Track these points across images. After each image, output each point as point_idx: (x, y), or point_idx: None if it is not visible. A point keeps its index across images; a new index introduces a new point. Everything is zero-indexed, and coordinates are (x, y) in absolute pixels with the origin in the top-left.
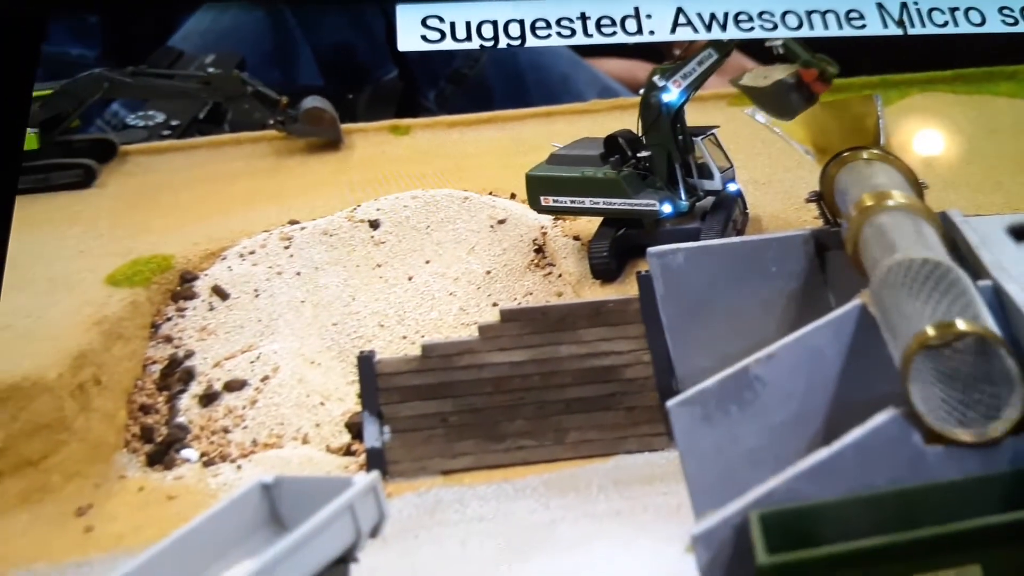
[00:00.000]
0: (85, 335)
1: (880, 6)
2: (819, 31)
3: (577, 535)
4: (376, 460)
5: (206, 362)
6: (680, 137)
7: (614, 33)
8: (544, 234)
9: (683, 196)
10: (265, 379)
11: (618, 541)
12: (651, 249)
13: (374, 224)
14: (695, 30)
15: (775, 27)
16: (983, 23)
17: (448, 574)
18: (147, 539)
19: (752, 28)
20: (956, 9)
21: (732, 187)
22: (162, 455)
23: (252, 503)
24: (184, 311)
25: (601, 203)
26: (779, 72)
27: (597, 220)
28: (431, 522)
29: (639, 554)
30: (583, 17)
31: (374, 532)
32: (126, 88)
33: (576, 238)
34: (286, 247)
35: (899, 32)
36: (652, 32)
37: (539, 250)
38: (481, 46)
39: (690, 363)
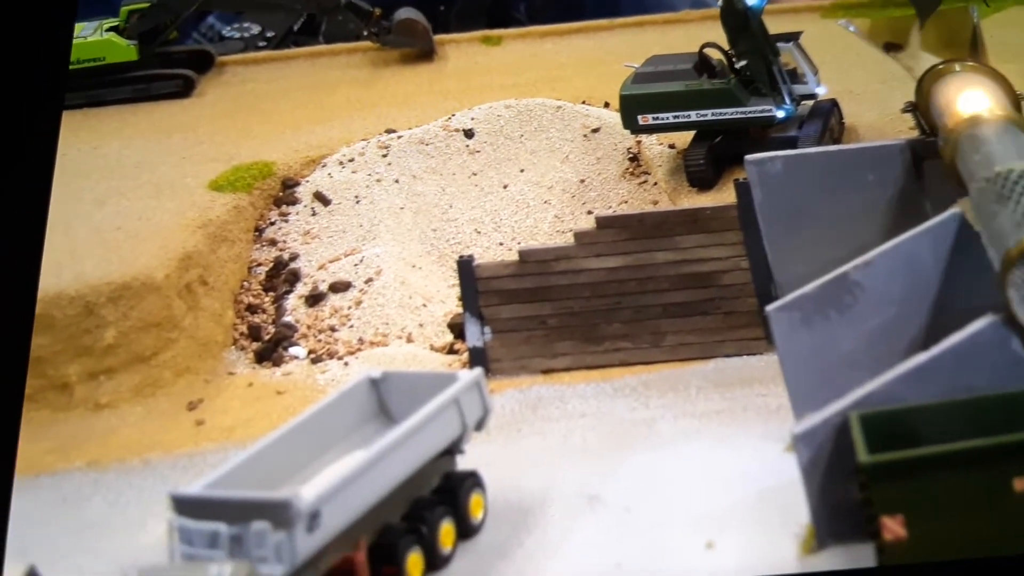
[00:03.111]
0: (191, 238)
1: None
2: None
3: (677, 433)
4: (478, 358)
5: (311, 264)
6: (768, 43)
7: None
8: (639, 143)
9: (787, 100)
10: (369, 281)
11: (718, 439)
12: (749, 157)
13: (469, 133)
14: None
15: None
16: None
17: (552, 465)
18: (257, 432)
19: None
20: None
21: (821, 90)
22: (270, 352)
23: (361, 396)
24: (287, 216)
25: (710, 115)
26: None
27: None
28: (533, 417)
29: (739, 452)
30: None
31: (479, 425)
32: (221, 0)
33: (672, 147)
34: (384, 155)
35: None
36: None
37: (634, 159)
38: None
39: (788, 269)
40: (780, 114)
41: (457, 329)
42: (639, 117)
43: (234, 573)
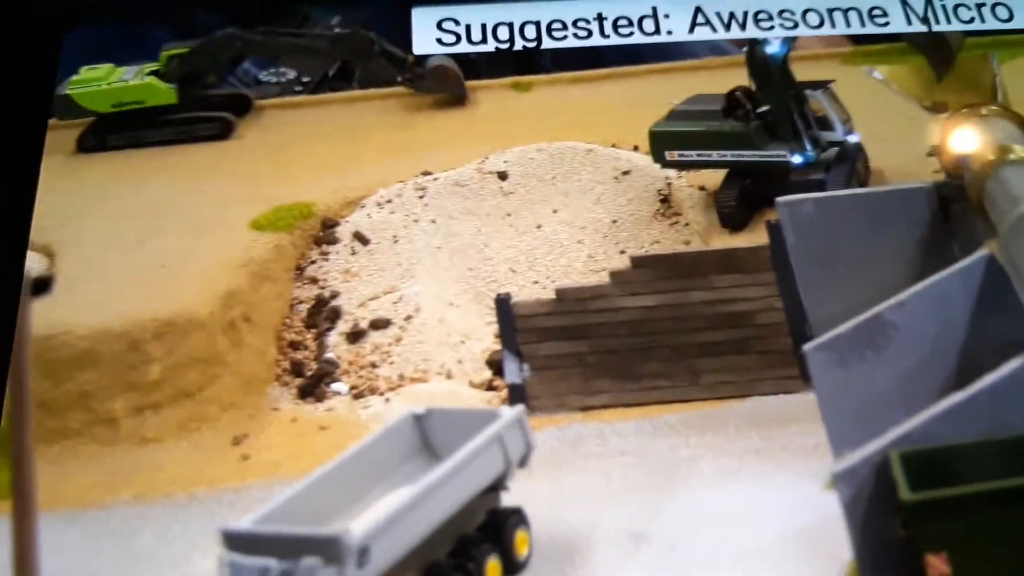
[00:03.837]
0: (233, 276)
1: (904, 2)
2: (840, 28)
3: (718, 471)
4: (517, 395)
5: (351, 302)
6: (792, 90)
7: (631, 34)
8: (669, 185)
9: (808, 147)
10: (408, 318)
11: (759, 478)
12: (780, 198)
13: (502, 175)
14: (714, 30)
15: (796, 26)
16: (1011, 19)
17: (595, 503)
18: (302, 467)
19: (772, 27)
20: (983, 5)
21: (853, 138)
22: (313, 388)
23: (405, 432)
24: (327, 255)
25: (730, 155)
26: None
27: (721, 172)
28: (574, 455)
29: (780, 490)
30: (600, 18)
31: (522, 462)
32: (258, 46)
33: (702, 188)
34: (420, 196)
35: (923, 28)
36: (670, 32)
37: (665, 200)
38: (496, 48)
39: (821, 309)
40: (797, 159)
41: (495, 366)
42: (666, 153)
43: None
